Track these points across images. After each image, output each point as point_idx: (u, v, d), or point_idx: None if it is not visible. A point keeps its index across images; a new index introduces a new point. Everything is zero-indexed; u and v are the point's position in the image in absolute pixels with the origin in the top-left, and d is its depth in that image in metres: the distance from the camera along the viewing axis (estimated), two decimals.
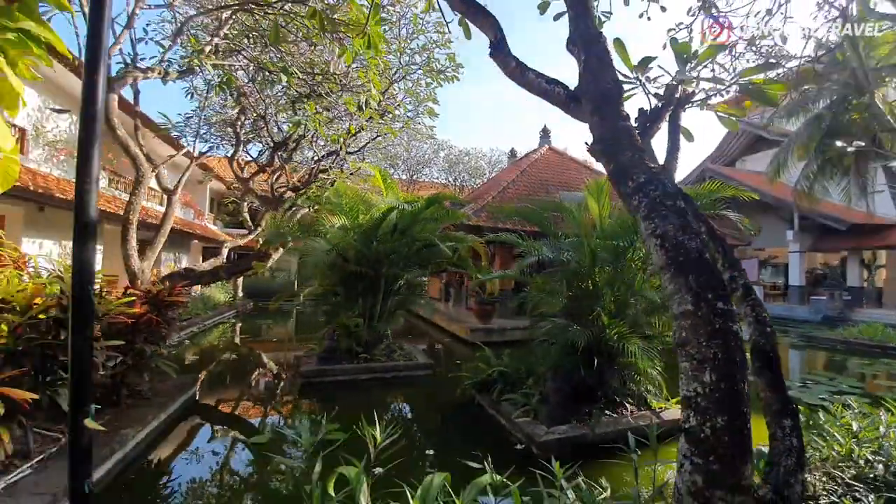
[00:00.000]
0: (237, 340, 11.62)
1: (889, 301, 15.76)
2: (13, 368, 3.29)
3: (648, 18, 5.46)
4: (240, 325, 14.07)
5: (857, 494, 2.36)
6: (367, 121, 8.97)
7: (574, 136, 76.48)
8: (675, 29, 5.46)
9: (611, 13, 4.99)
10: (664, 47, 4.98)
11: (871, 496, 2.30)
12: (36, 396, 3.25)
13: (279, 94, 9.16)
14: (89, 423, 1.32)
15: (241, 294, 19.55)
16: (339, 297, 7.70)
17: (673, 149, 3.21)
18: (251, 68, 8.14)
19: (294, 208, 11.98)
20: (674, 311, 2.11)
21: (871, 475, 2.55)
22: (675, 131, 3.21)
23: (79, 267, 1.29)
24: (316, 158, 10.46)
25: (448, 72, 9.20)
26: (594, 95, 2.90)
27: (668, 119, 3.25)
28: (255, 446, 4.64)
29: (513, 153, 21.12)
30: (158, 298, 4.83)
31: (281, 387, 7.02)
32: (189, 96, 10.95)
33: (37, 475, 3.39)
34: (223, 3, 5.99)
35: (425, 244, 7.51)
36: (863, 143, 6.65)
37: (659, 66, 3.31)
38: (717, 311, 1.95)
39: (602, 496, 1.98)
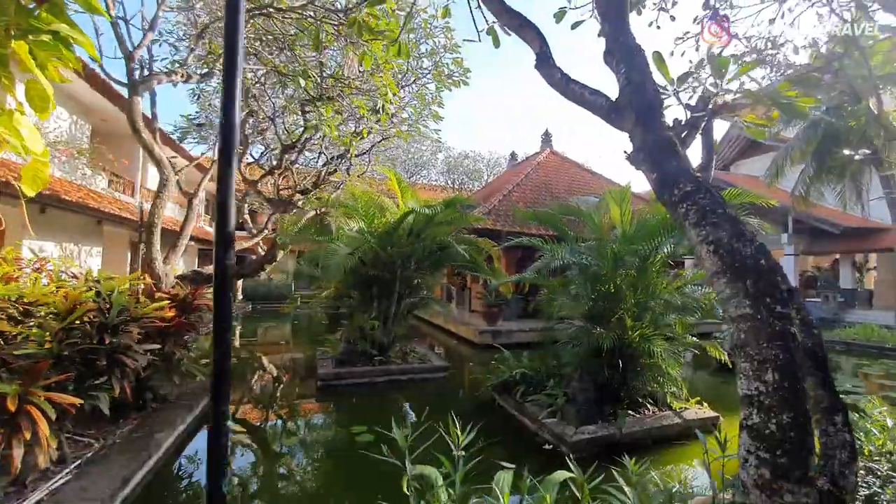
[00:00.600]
0: (246, 343, 11.58)
1: (879, 303, 16.22)
2: (58, 373, 3.31)
3: (658, 27, 5.65)
4: (246, 327, 14.02)
5: None
6: (375, 123, 9.05)
7: (571, 140, 77.22)
8: (681, 38, 5.65)
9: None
10: (671, 54, 5.16)
11: None
12: (80, 401, 3.28)
13: (290, 96, 9.19)
14: (230, 424, 1.39)
15: (240, 297, 19.42)
16: (354, 300, 7.76)
17: (708, 158, 3.35)
18: (260, 72, 8.18)
19: (300, 210, 12.00)
20: (730, 315, 2.23)
21: None
22: (710, 141, 3.36)
23: (220, 272, 1.36)
24: (325, 161, 10.50)
25: (456, 76, 9.34)
26: (638, 107, 3.02)
27: (701, 129, 3.39)
28: (286, 447, 4.70)
29: (513, 156, 21.33)
30: (185, 302, 4.85)
31: (298, 389, 7.05)
32: (196, 98, 10.95)
33: (79, 481, 3.40)
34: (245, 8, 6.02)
35: (440, 247, 7.60)
36: (868, 152, 6.90)
37: (693, 78, 3.46)
38: (776, 315, 2.08)
39: (675, 489, 2.08)
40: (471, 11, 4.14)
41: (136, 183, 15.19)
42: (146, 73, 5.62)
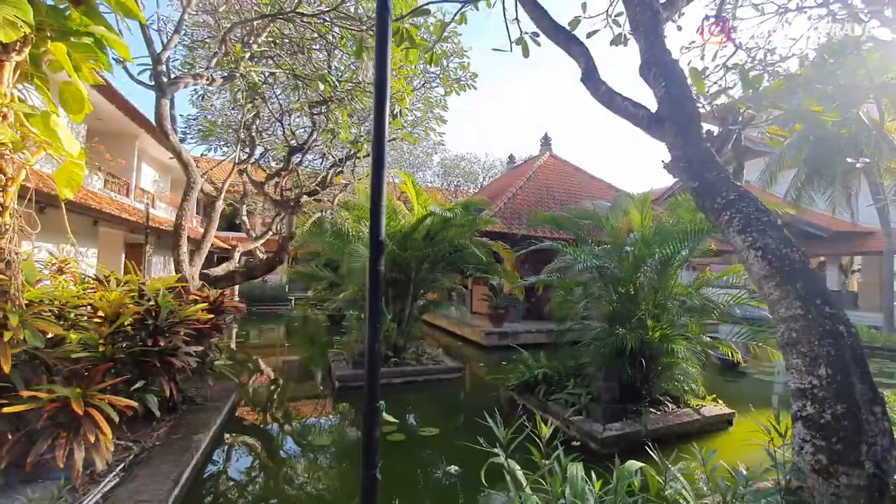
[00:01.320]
0: (258, 345, 11.53)
1: (864, 304, 16.92)
2: (112, 376, 3.36)
3: (665, 37, 5.92)
4: (248, 328, 13.93)
5: None
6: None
7: (566, 143, 78.18)
8: (687, 48, 5.92)
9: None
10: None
11: None
12: (135, 404, 3.33)
13: (300, 98, 9.26)
14: (384, 416, 1.52)
15: (237, 298, 19.26)
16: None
17: (739, 167, 3.58)
18: (269, 74, 8.23)
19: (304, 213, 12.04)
20: (780, 316, 2.44)
21: None
22: (740, 150, 3.60)
23: (373, 276, 1.49)
24: (332, 162, 10.57)
25: (463, 80, 9.53)
26: (679, 120, 3.23)
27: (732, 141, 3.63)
28: (317, 446, 4.79)
29: (511, 159, 21.60)
30: (216, 304, 4.90)
31: (318, 390, 7.12)
32: (200, 98, 10.90)
33: (130, 483, 3.45)
34: (266, 12, 6.11)
35: (455, 249, 7.75)
36: (868, 160, 7.30)
37: (726, 95, 3.69)
38: (825, 315, 2.29)
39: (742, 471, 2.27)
40: (506, 23, 4.31)
41: (132, 183, 14.99)
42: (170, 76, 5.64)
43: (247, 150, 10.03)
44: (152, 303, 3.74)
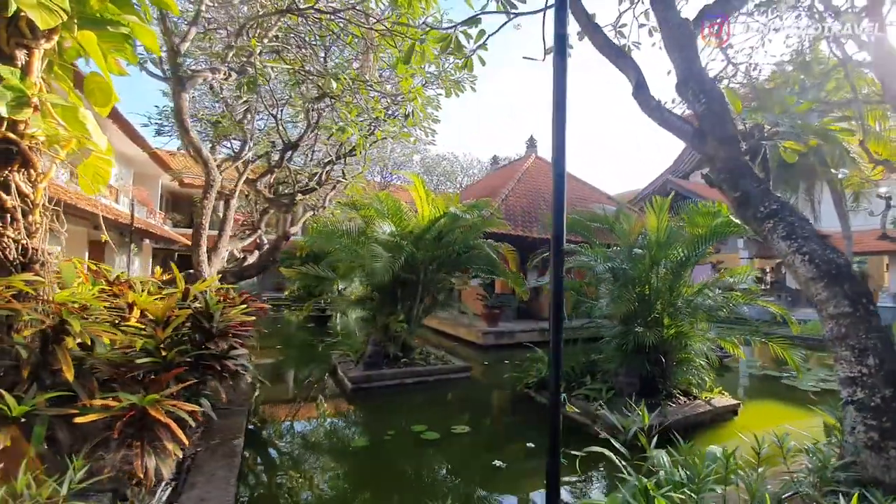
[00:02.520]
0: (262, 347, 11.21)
1: None
2: (166, 382, 3.31)
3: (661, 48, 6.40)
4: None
5: None
6: (383, 121, 9.22)
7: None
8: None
9: (640, 43, 5.78)
10: (668, 73, 5.90)
11: None
12: (199, 409, 3.31)
13: (298, 94, 9.13)
14: (569, 407, 1.67)
15: None
16: (376, 302, 7.90)
17: (767, 179, 3.99)
18: (275, 69, 8.09)
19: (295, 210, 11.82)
20: (829, 313, 2.81)
21: None
22: (767, 164, 4.01)
23: (555, 285, 1.66)
24: (329, 160, 10.47)
25: (462, 82, 9.74)
26: (720, 135, 3.57)
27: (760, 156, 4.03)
28: (343, 446, 4.87)
29: (495, 160, 22.01)
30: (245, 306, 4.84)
31: (329, 391, 7.10)
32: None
33: (192, 491, 3.40)
34: (282, 7, 6.04)
35: (465, 250, 7.95)
36: (847, 171, 8.13)
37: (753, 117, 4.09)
38: (871, 312, 2.67)
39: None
40: (542, 36, 4.54)
41: None
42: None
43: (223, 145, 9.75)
44: (201, 305, 3.69)
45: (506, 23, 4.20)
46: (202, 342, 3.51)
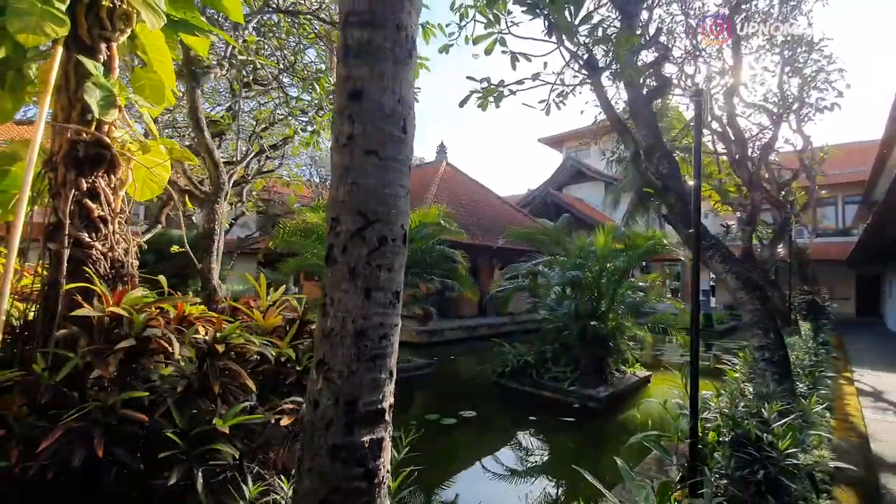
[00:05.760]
0: None
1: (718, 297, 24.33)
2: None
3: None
4: None
5: None
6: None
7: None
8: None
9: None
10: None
11: None
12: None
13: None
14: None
15: None
16: None
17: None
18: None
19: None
20: (748, 308, 4.86)
21: None
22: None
23: (694, 276, 3.01)
24: (259, 150, 10.12)
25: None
26: (679, 190, 5.50)
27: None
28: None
29: None
30: None
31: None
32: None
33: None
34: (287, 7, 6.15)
35: (428, 254, 8.96)
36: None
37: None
38: (769, 307, 4.80)
39: None
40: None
41: None
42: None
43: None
44: (296, 315, 4.04)
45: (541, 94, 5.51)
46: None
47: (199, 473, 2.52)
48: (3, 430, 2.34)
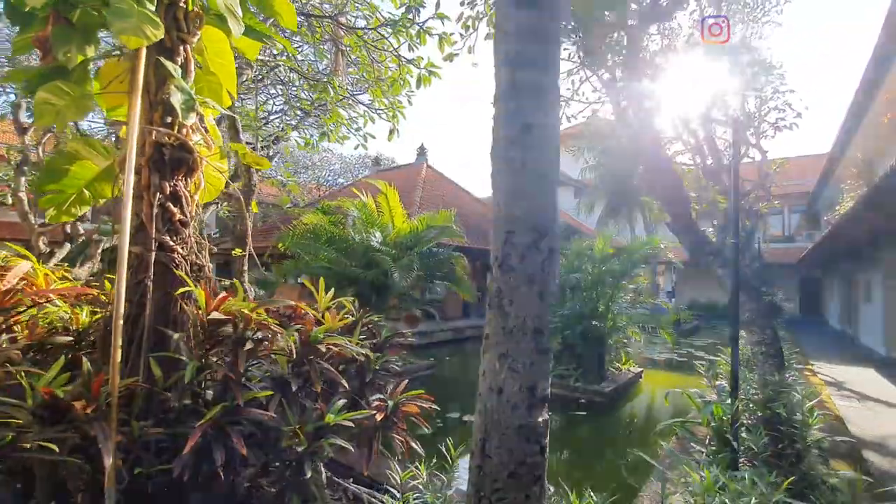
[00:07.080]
0: None
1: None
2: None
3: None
4: None
5: None
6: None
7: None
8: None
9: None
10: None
11: None
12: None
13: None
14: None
15: None
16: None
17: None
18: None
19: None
20: (746, 308, 5.55)
21: None
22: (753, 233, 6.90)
23: (733, 276, 3.53)
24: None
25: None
26: (681, 210, 6.16)
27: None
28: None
29: (377, 162, 22.75)
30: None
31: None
32: None
33: None
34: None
35: (430, 256, 9.23)
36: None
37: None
38: (765, 306, 5.51)
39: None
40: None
41: None
42: None
43: None
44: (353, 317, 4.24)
45: None
46: None
47: (313, 468, 2.73)
48: (120, 436, 2.38)
